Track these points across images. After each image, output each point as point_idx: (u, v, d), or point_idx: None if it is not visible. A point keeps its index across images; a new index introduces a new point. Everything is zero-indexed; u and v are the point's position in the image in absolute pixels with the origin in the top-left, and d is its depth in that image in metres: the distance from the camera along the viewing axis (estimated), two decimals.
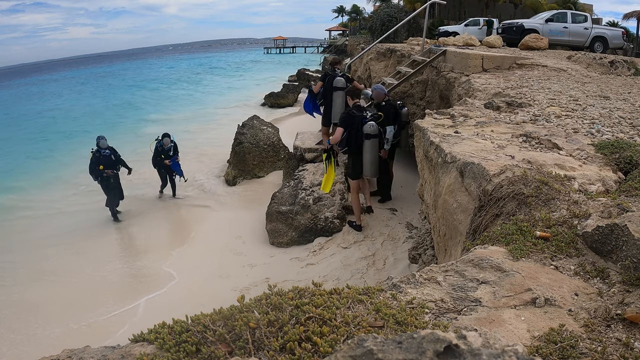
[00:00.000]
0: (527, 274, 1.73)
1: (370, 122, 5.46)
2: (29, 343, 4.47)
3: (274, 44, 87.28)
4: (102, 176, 7.56)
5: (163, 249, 6.43)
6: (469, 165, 2.77)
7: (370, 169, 5.61)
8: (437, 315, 1.51)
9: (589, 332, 1.42)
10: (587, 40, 12.43)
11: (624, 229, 1.74)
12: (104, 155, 7.58)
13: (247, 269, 5.57)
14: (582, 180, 2.54)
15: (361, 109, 5.60)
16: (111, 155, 7.71)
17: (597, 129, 3.63)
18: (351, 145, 5.50)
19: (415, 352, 0.65)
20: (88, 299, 5.16)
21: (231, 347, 1.26)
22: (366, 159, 5.55)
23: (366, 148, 5.50)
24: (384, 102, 6.37)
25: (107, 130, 14.84)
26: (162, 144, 8.47)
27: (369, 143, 5.49)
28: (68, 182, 10.46)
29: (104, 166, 7.50)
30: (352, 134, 5.44)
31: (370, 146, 5.50)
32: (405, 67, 8.27)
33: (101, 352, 1.37)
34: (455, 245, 2.79)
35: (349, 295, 1.52)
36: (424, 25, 9.26)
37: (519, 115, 4.15)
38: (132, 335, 1.40)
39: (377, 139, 5.53)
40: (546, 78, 6.31)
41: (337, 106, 6.45)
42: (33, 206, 9.03)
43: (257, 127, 9.56)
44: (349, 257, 5.47)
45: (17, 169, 12.52)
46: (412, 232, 5.93)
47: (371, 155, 5.52)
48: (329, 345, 1.20)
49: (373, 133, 5.47)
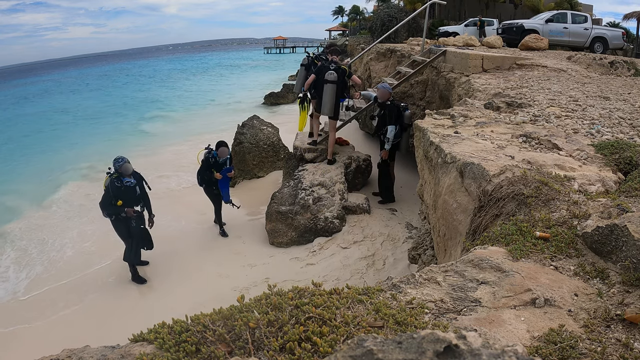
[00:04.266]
0: (526, 274, 1.73)
1: (331, 71, 6.55)
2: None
3: (274, 44, 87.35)
4: (119, 216, 5.31)
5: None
6: (468, 166, 2.78)
7: (325, 108, 6.65)
8: (437, 315, 1.51)
9: (589, 332, 1.42)
10: (587, 40, 12.43)
11: (624, 229, 1.74)
12: (126, 186, 5.24)
13: (247, 268, 5.57)
14: (582, 181, 2.54)
15: (332, 62, 6.69)
16: (136, 187, 5.37)
17: (597, 130, 3.63)
18: (317, 88, 6.71)
19: (415, 352, 0.65)
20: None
21: (231, 347, 1.26)
22: (324, 100, 6.59)
23: (325, 91, 6.56)
24: (389, 101, 6.47)
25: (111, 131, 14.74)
26: (216, 155, 6.39)
27: (327, 87, 6.55)
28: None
29: (123, 201, 5.23)
30: (320, 80, 6.61)
31: (328, 90, 6.55)
32: (405, 67, 8.27)
33: (101, 352, 1.37)
34: (455, 245, 2.79)
35: (349, 296, 1.52)
36: (424, 25, 9.25)
37: (519, 116, 4.15)
38: (131, 335, 1.40)
39: (334, 84, 6.55)
40: (546, 78, 6.31)
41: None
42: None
43: (257, 127, 9.56)
44: (349, 257, 5.47)
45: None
46: (411, 232, 5.93)
47: (328, 96, 6.57)
48: (328, 345, 1.20)
49: (331, 80, 6.53)
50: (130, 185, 5.28)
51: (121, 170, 5.21)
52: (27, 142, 16.62)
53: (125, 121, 19.79)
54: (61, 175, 11.49)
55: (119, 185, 5.17)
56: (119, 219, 5.32)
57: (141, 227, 5.50)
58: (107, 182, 5.19)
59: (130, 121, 19.66)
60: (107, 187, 5.17)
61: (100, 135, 16.60)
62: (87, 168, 11.88)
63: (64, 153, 14.24)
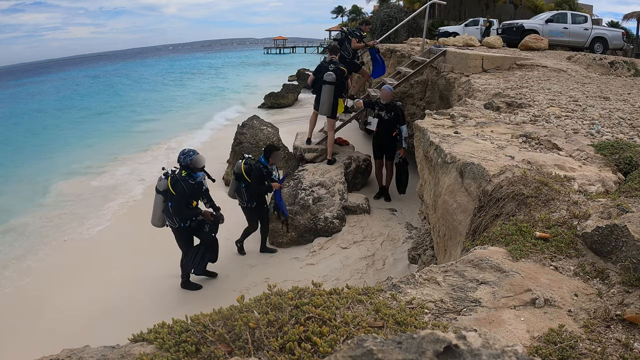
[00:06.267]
0: (526, 274, 1.73)
1: (330, 72, 6.61)
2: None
3: (274, 44, 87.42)
4: (195, 220, 4.66)
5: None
6: (468, 166, 2.78)
7: (322, 108, 6.79)
8: (437, 315, 1.51)
9: (589, 332, 1.42)
10: (587, 40, 12.44)
11: (624, 229, 1.74)
12: (198, 182, 4.60)
13: (247, 268, 5.57)
14: (582, 181, 2.54)
15: (331, 62, 6.79)
16: (203, 181, 4.75)
17: (597, 130, 3.63)
18: (316, 87, 6.87)
19: (415, 352, 0.65)
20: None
21: (231, 347, 1.26)
22: (322, 100, 6.74)
23: (323, 91, 6.69)
24: (392, 101, 6.64)
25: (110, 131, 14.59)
26: (267, 163, 5.51)
27: (325, 88, 6.66)
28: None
29: (197, 202, 4.65)
30: (319, 80, 6.76)
31: (326, 91, 6.65)
32: (405, 68, 8.28)
33: (101, 352, 1.37)
34: (454, 245, 2.79)
35: (349, 296, 1.52)
36: (424, 25, 9.26)
37: (518, 116, 4.15)
38: (131, 335, 1.40)
39: (332, 85, 6.61)
40: (546, 79, 6.32)
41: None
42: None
43: (257, 127, 9.56)
44: (349, 257, 5.47)
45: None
46: (411, 232, 5.93)
47: (326, 97, 6.68)
48: (328, 346, 1.20)
49: (329, 81, 6.61)
50: (201, 181, 4.60)
51: (192, 164, 4.54)
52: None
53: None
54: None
55: (192, 183, 4.47)
56: (190, 225, 4.63)
57: (213, 234, 4.82)
58: (173, 183, 4.46)
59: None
60: (180, 188, 4.44)
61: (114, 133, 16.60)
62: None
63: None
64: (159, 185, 4.63)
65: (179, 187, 4.44)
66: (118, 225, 7.61)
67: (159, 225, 4.84)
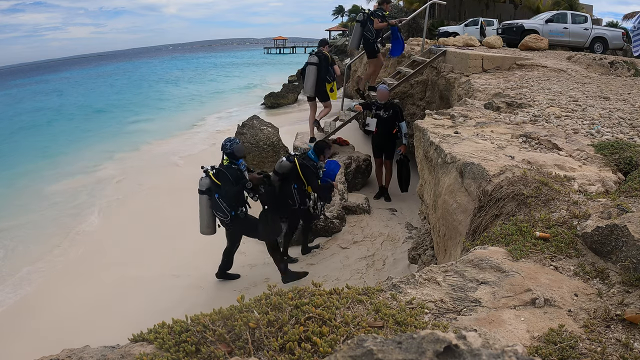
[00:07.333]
0: (526, 274, 1.73)
1: (313, 55, 7.23)
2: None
3: (274, 44, 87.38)
4: (242, 211, 4.66)
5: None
6: (468, 166, 2.78)
7: (306, 85, 7.38)
8: (437, 315, 1.51)
9: (589, 332, 1.42)
10: (587, 40, 12.43)
11: (624, 229, 1.74)
12: (241, 170, 4.58)
13: (247, 269, 5.56)
14: (582, 181, 2.54)
15: (319, 52, 7.32)
16: (245, 171, 4.69)
17: (597, 130, 3.63)
18: (303, 72, 7.47)
19: (415, 352, 0.65)
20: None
21: (231, 347, 1.26)
22: (306, 80, 7.33)
23: (307, 72, 7.26)
24: (389, 100, 6.71)
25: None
26: (317, 160, 5.15)
27: (309, 68, 7.22)
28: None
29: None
30: (305, 64, 7.38)
31: (310, 70, 7.21)
32: (405, 68, 8.27)
33: (101, 352, 1.37)
34: (455, 245, 2.79)
35: (349, 296, 1.52)
36: (424, 25, 9.26)
37: (518, 116, 4.15)
38: (131, 334, 1.40)
39: (315, 66, 7.17)
40: (546, 78, 6.31)
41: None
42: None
43: (257, 127, 9.55)
44: (349, 257, 5.47)
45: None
46: (411, 232, 5.93)
47: (309, 76, 7.23)
48: (328, 346, 1.20)
49: (312, 62, 7.18)
50: (244, 169, 4.53)
51: (236, 152, 4.50)
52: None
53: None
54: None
55: (235, 168, 4.43)
56: (245, 214, 4.61)
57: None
58: (216, 174, 4.40)
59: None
60: (224, 176, 4.37)
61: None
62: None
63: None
64: (200, 185, 4.53)
65: (222, 175, 4.39)
66: (118, 225, 7.61)
67: (207, 232, 4.74)
